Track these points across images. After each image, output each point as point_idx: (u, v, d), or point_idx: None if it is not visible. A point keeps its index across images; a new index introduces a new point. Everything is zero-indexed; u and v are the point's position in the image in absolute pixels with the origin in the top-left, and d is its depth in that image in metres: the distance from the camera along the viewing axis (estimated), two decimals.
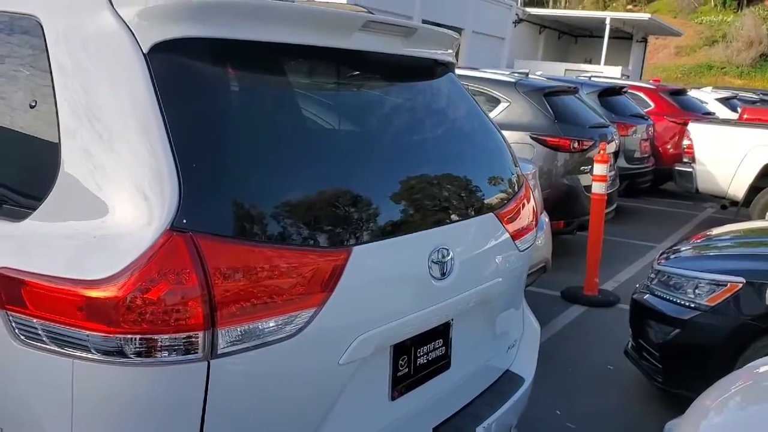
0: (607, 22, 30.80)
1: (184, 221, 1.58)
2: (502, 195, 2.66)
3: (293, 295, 1.74)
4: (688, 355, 3.78)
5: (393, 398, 2.15)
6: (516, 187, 2.75)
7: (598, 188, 5.94)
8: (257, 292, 1.66)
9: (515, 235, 2.65)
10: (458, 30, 28.40)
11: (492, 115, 6.96)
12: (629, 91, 10.99)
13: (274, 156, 1.86)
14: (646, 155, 9.97)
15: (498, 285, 2.54)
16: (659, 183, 10.98)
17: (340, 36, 2.09)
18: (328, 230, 1.86)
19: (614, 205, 7.65)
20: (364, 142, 2.19)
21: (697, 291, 3.77)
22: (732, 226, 4.92)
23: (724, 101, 14.67)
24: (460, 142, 2.64)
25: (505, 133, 6.74)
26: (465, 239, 2.36)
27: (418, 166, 2.32)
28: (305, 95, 2.19)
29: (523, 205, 2.77)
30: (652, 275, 4.12)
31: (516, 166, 2.86)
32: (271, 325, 1.70)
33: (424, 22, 25.87)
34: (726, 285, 3.67)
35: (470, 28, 28.55)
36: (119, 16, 1.76)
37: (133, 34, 1.73)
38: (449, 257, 2.23)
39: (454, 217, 2.34)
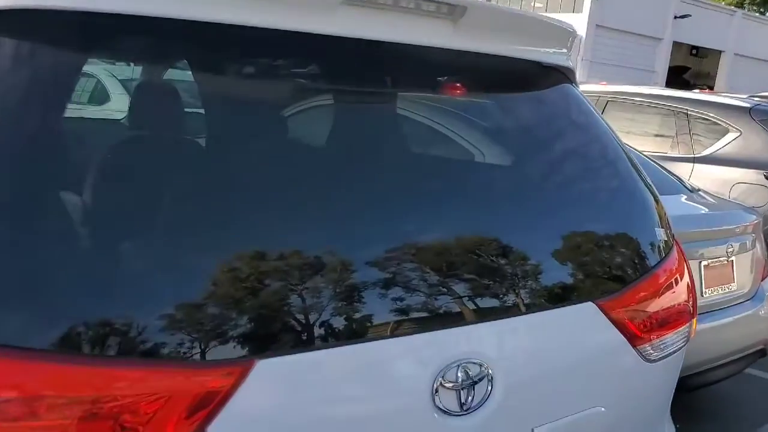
0: None
1: None
2: (622, 271, 1.70)
3: None
4: None
5: None
6: (652, 258, 1.76)
7: None
8: None
9: (640, 337, 1.67)
10: (717, 52, 25.70)
11: (715, 147, 5.63)
12: None
13: (129, 207, 1.14)
14: None
15: (599, 417, 1.59)
16: None
17: (311, 14, 1.32)
18: (206, 333, 1.09)
19: None
20: (340, 175, 1.40)
21: None
22: None
23: None
24: (554, 188, 1.72)
25: (734, 171, 5.46)
26: (521, 345, 1.46)
27: (442, 220, 1.46)
28: (215, 103, 1.46)
29: (666, 286, 1.77)
30: None
31: (661, 226, 1.86)
32: None
33: (675, 44, 23.81)
34: None
35: (732, 50, 25.71)
36: None
37: None
38: (483, 376, 1.35)
39: (503, 307, 1.44)
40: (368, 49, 1.42)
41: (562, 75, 1.87)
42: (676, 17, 22.11)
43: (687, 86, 22.25)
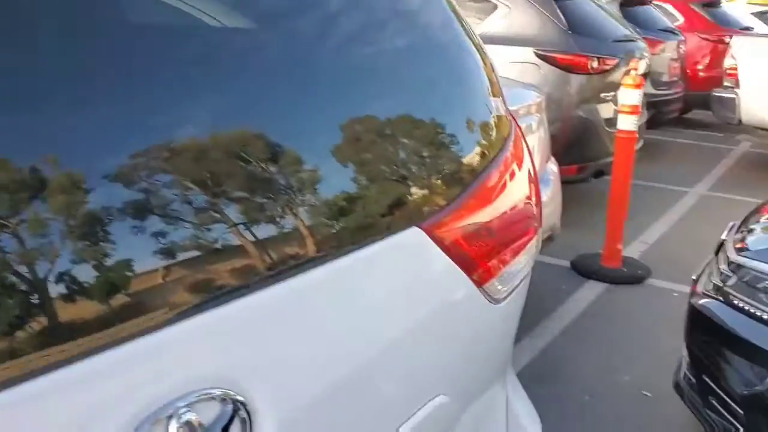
0: None
1: None
2: (454, 171, 1.08)
3: None
4: None
5: None
6: (493, 149, 1.17)
7: (627, 123, 4.29)
8: None
9: (485, 270, 1.08)
10: None
11: (486, 25, 5.27)
12: (654, 2, 9.16)
13: None
14: (675, 79, 8.20)
15: (443, 410, 0.99)
16: (685, 111, 9.29)
17: None
18: None
19: (641, 143, 6.02)
20: None
21: None
22: None
23: (761, 15, 12.73)
24: (331, 55, 1.03)
25: (504, 48, 5.13)
26: (292, 333, 0.80)
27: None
28: None
29: (504, 184, 1.20)
30: (727, 270, 2.54)
31: (493, 95, 1.26)
32: None
33: None
34: None
35: None
36: None
37: None
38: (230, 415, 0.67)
39: (240, 275, 0.76)
40: None
41: None
42: None
43: None
